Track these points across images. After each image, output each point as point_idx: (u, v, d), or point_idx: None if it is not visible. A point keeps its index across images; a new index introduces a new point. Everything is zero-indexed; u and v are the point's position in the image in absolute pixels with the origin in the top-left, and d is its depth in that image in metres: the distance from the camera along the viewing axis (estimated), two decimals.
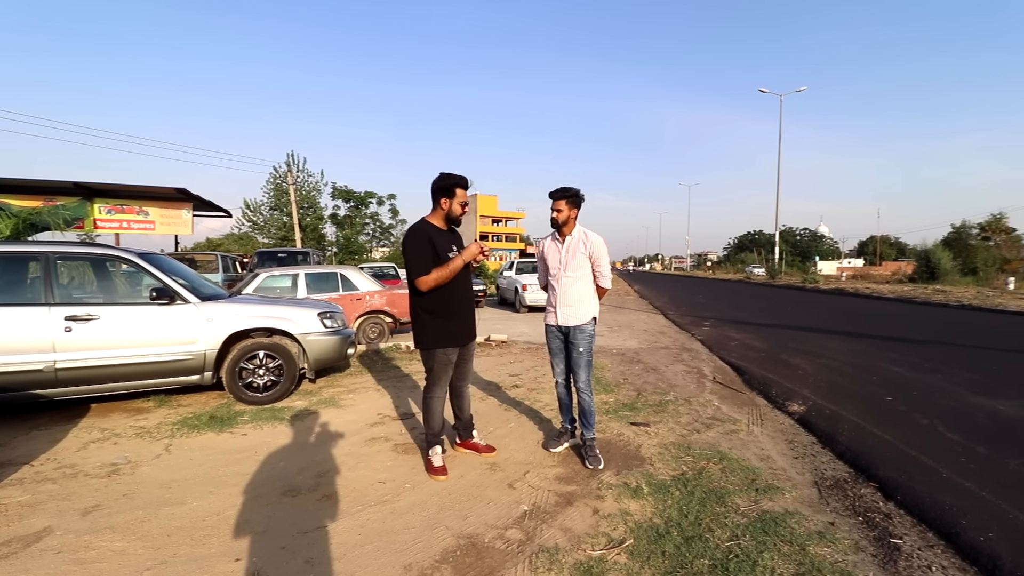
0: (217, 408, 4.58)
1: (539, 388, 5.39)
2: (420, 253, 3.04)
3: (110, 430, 4.06)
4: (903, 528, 2.59)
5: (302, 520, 2.63)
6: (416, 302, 3.18)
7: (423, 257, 3.03)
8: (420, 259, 3.03)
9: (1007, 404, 4.68)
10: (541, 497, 2.90)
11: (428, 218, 3.19)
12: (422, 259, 3.03)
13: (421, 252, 3.04)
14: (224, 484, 3.06)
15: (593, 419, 3.45)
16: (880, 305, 16.54)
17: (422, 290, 3.05)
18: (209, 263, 13.35)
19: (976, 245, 35.84)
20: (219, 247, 38.14)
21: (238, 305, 4.87)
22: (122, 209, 14.20)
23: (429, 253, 3.03)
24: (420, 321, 3.18)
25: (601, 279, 3.47)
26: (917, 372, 6.09)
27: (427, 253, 3.03)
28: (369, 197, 36.40)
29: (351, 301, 8.48)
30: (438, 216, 3.18)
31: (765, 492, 2.94)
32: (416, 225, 3.15)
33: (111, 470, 3.30)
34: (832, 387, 5.45)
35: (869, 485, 3.09)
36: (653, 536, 2.47)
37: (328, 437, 3.90)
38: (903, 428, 4.08)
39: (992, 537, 2.46)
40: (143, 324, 4.40)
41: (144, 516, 2.69)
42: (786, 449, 3.72)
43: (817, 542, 2.41)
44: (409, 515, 2.69)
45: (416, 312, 3.19)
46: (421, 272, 3.02)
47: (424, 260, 3.02)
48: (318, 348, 5.08)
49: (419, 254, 3.04)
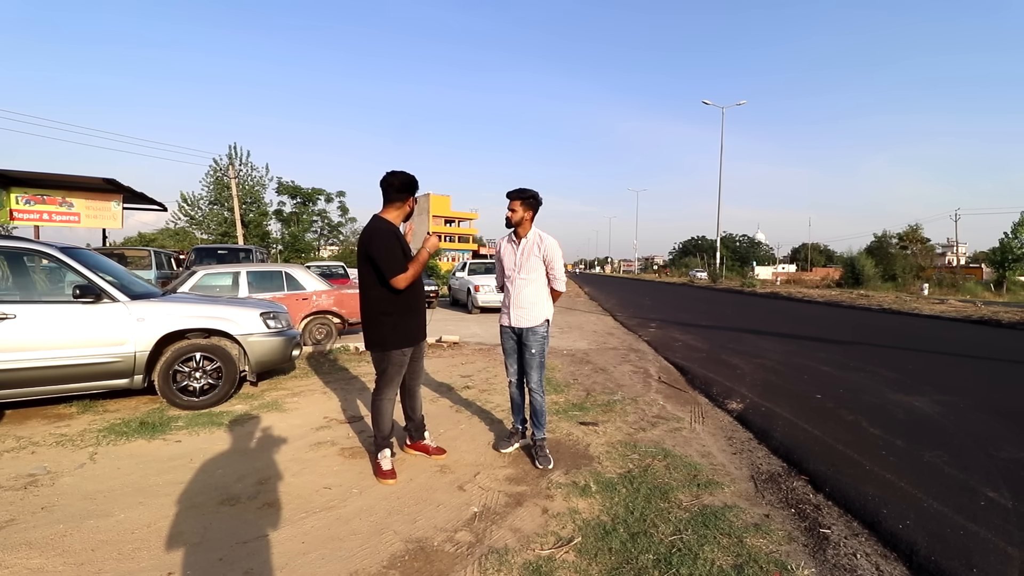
0: (148, 414, 4.32)
1: (490, 389, 5.39)
2: (393, 252, 2.99)
3: (27, 438, 3.76)
4: (831, 519, 2.76)
5: (241, 530, 2.52)
6: (372, 303, 3.08)
7: (397, 256, 2.99)
8: (395, 258, 2.98)
9: (922, 400, 5.08)
10: (491, 498, 2.90)
11: (384, 215, 3.13)
12: (396, 258, 2.98)
13: (394, 251, 3.00)
14: (155, 494, 2.89)
15: (544, 419, 3.48)
16: (811, 308, 17.58)
17: (400, 288, 3.00)
18: (141, 259, 12.58)
19: (895, 253, 38.74)
20: (152, 242, 35.92)
21: (172, 304, 4.61)
22: (43, 200, 13.10)
23: (400, 251, 3.02)
24: (376, 322, 3.09)
25: (555, 282, 3.49)
26: (843, 371, 6.51)
27: (399, 251, 3.01)
28: (317, 194, 35.44)
29: (297, 301, 8.20)
30: (395, 213, 3.14)
31: (706, 487, 3.06)
32: (381, 224, 3.07)
33: (28, 481, 3.05)
34: (767, 386, 5.74)
35: (801, 478, 3.28)
36: (600, 533, 2.52)
37: (270, 442, 3.75)
38: (831, 424, 4.34)
39: (910, 525, 2.66)
40: (65, 324, 4.08)
41: (65, 530, 2.50)
42: (725, 445, 3.89)
43: (753, 534, 2.53)
44: (356, 521, 2.62)
45: (371, 313, 3.10)
46: (399, 271, 2.97)
47: (399, 259, 2.99)
48: (260, 350, 4.88)
49: (393, 253, 2.99)
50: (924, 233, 43.15)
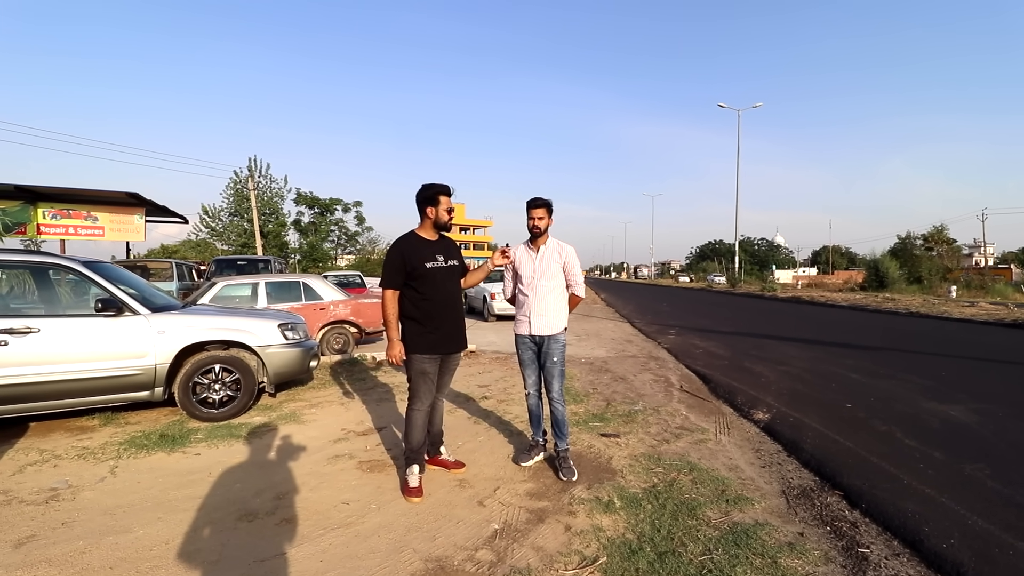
0: (168, 426, 4.33)
1: (508, 399, 5.32)
2: (389, 266, 3.13)
3: (50, 451, 3.79)
4: (869, 537, 2.63)
5: (259, 547, 2.48)
6: (400, 306, 3.17)
7: (388, 270, 3.12)
8: (387, 272, 3.13)
9: (958, 409, 4.87)
10: (512, 514, 2.83)
11: (417, 230, 3.23)
12: (388, 272, 3.12)
13: (390, 264, 3.13)
14: (174, 509, 2.87)
15: (566, 429, 3.41)
16: (834, 313, 17.19)
17: (384, 299, 3.11)
18: (163, 271, 12.79)
19: (920, 255, 37.75)
20: (175, 254, 36.62)
21: (192, 316, 4.64)
22: (68, 214, 13.42)
23: (398, 267, 3.09)
24: (402, 325, 3.19)
25: (576, 288, 3.49)
26: (873, 378, 6.30)
27: (395, 267, 3.10)
28: (334, 204, 35.76)
29: (314, 311, 8.23)
30: (426, 226, 3.21)
31: (735, 503, 2.94)
32: (399, 237, 3.22)
33: (49, 496, 3.06)
34: (794, 395, 5.57)
35: (835, 493, 3.14)
36: (626, 552, 2.42)
37: (288, 455, 3.72)
38: (864, 435, 4.18)
39: (954, 544, 2.52)
40: (88, 337, 4.12)
41: (84, 546, 2.49)
42: (753, 458, 3.76)
43: (788, 554, 2.42)
44: (374, 538, 2.57)
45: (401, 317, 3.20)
46: (385, 284, 3.12)
47: (390, 274, 3.11)
48: (278, 361, 4.88)
49: (388, 267, 3.14)
50: (950, 234, 42.08)
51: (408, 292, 3.10)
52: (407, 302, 3.12)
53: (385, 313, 3.10)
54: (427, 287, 3.08)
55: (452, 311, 3.23)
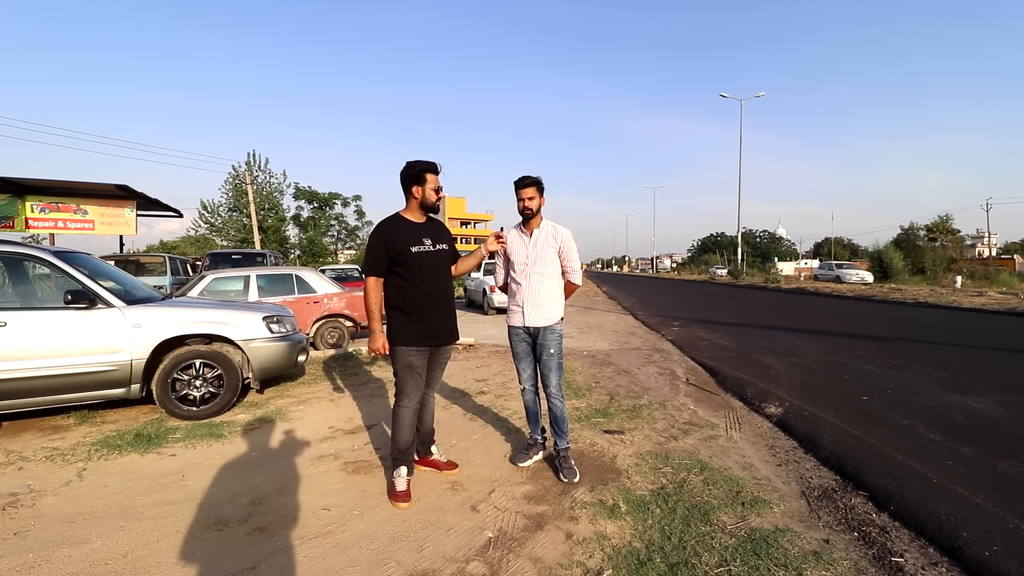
0: (145, 425, 4.09)
1: (507, 395, 5.07)
2: (371, 251, 2.86)
3: (17, 452, 3.55)
4: (902, 544, 2.37)
5: (227, 560, 2.23)
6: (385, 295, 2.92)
7: (371, 256, 2.85)
8: (369, 258, 2.86)
9: (981, 402, 4.61)
10: (508, 520, 2.58)
11: (402, 212, 2.94)
12: (370, 258, 2.85)
13: (373, 249, 2.85)
14: (139, 517, 2.63)
15: (566, 427, 3.15)
16: (841, 303, 16.88)
17: (367, 286, 2.84)
18: (157, 265, 12.55)
19: (923, 246, 37.36)
20: (174, 249, 36.40)
21: (171, 309, 4.38)
22: (57, 207, 13.14)
23: (381, 251, 2.82)
24: (387, 315, 2.93)
25: (572, 275, 3.19)
26: (888, 370, 6.03)
27: (378, 251, 2.82)
28: (333, 198, 35.55)
29: (308, 304, 7.99)
30: (412, 207, 2.93)
31: (752, 506, 2.69)
32: (382, 221, 2.93)
33: (7, 502, 2.82)
34: (807, 387, 5.31)
35: (859, 494, 2.88)
36: (634, 564, 2.17)
37: (269, 456, 3.48)
38: (884, 429, 3.92)
39: (997, 552, 2.26)
40: (58, 331, 3.88)
41: (34, 560, 2.25)
42: (768, 456, 3.50)
43: (814, 564, 2.16)
44: (355, 549, 2.32)
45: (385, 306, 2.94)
46: (366, 271, 2.86)
47: (372, 259, 2.84)
48: (263, 355, 4.63)
49: (370, 252, 2.88)
50: (953, 224, 41.66)
51: (392, 279, 2.84)
52: (391, 290, 2.86)
53: (367, 302, 2.84)
54: (413, 273, 2.81)
55: (441, 300, 2.94)
